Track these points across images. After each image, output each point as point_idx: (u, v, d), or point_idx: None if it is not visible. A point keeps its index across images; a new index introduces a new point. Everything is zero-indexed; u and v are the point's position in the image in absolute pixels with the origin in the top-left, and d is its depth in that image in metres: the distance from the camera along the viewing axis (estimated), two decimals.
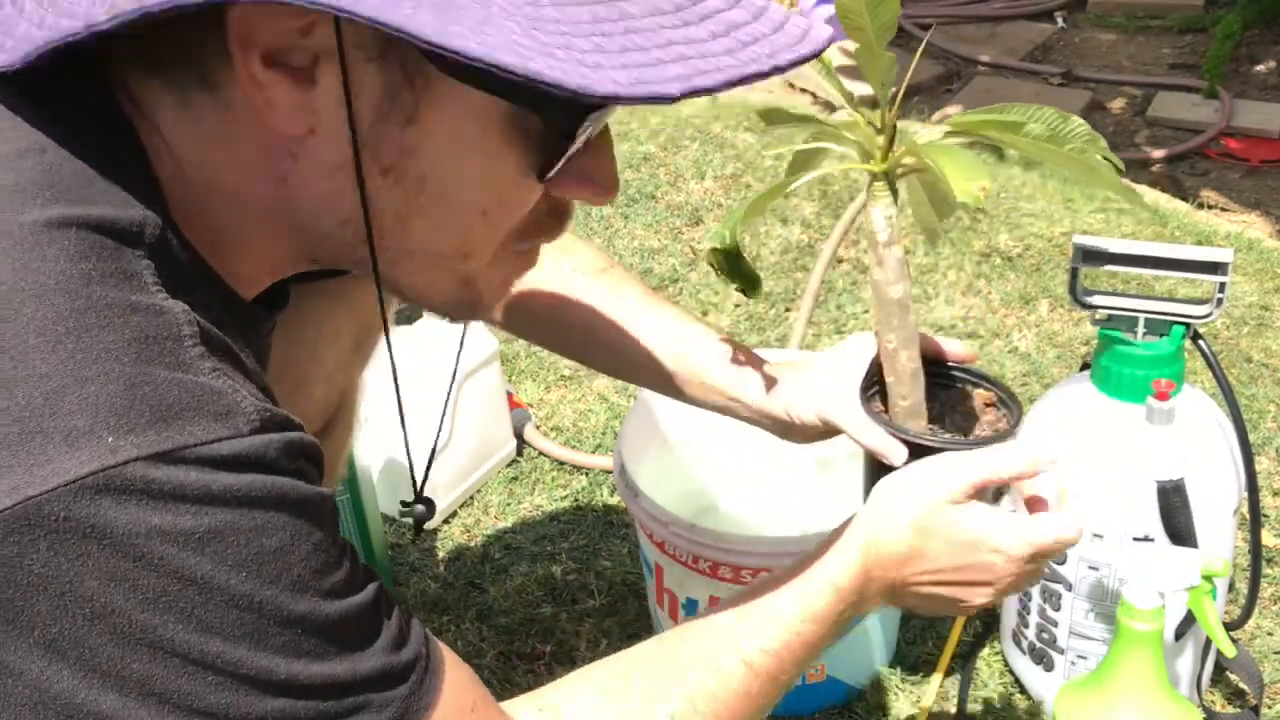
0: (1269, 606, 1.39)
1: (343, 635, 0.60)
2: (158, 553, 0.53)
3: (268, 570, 0.56)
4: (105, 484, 0.51)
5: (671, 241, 2.21)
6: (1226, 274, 1.11)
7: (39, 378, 0.52)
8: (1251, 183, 2.56)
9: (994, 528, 0.84)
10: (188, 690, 0.55)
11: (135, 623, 0.53)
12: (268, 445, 0.57)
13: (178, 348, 0.56)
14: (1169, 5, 3.42)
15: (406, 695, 0.62)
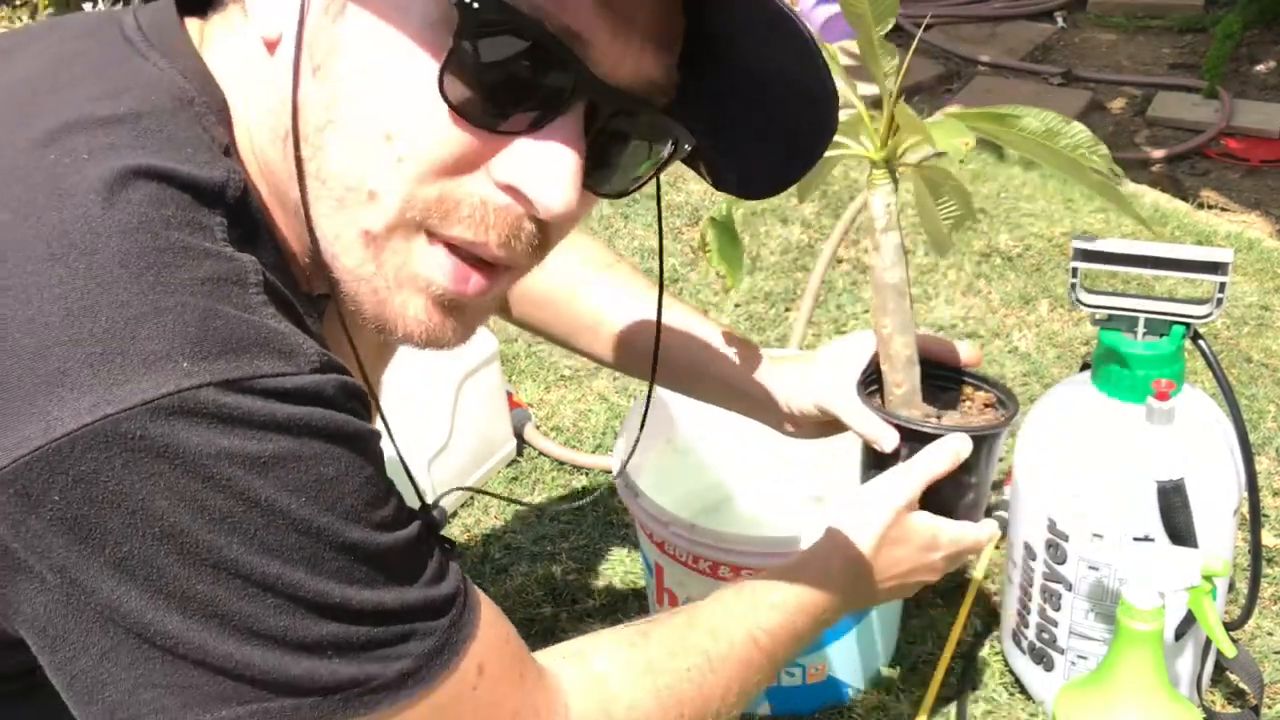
0: (1269, 606, 1.39)
1: (391, 566, 0.62)
2: (225, 474, 0.55)
3: (325, 498, 0.59)
4: (179, 406, 0.54)
5: (671, 241, 2.21)
6: (1226, 274, 1.11)
7: (120, 305, 0.55)
8: (1251, 183, 2.56)
9: (939, 531, 0.99)
10: (248, 612, 0.58)
11: (202, 543, 0.56)
12: (326, 383, 0.60)
13: (244, 293, 0.59)
14: (1169, 5, 3.42)
15: (448, 626, 0.65)
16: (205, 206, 0.60)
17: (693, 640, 0.83)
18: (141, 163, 0.58)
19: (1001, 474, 1.59)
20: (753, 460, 1.48)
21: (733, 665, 0.84)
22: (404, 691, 0.63)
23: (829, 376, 1.04)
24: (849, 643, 1.25)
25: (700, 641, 0.83)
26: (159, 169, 0.59)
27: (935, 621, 1.39)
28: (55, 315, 0.54)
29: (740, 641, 0.85)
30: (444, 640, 0.65)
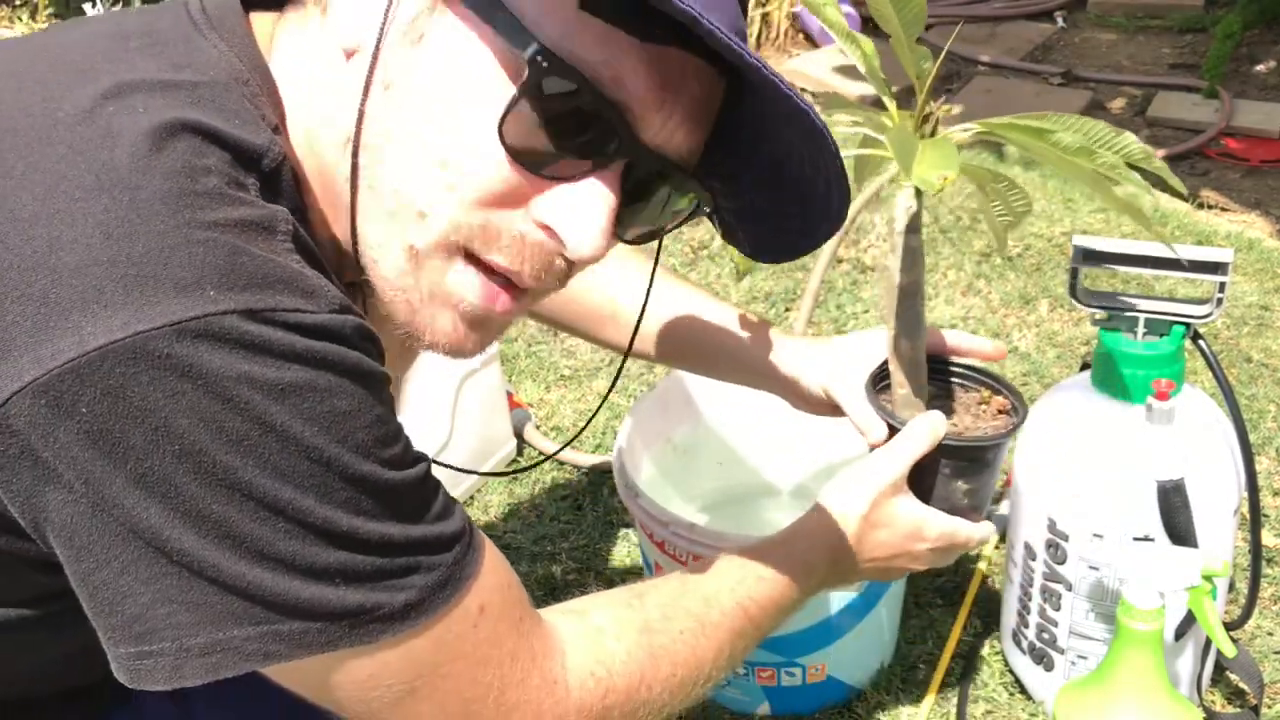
0: (1269, 606, 1.39)
1: (397, 501, 0.65)
2: (244, 397, 0.59)
3: (337, 429, 0.62)
4: (204, 329, 0.58)
5: (671, 241, 2.21)
6: (1226, 274, 1.11)
7: (158, 234, 0.59)
8: (1251, 183, 2.56)
9: (926, 522, 1.01)
10: (259, 535, 0.61)
11: (218, 463, 0.59)
12: (344, 323, 0.63)
13: (271, 238, 0.63)
14: (1169, 5, 3.42)
15: (452, 562, 0.68)
16: (243, 167, 0.64)
17: (685, 604, 0.86)
18: (190, 117, 0.63)
19: (1002, 474, 1.59)
20: (753, 460, 1.48)
21: (723, 631, 0.86)
22: (408, 622, 0.66)
23: (839, 363, 1.10)
24: (849, 643, 1.25)
25: (693, 606, 0.86)
26: (205, 125, 0.63)
27: (935, 621, 1.39)
28: (96, 238, 0.57)
29: (730, 610, 0.88)
30: (448, 575, 0.68)
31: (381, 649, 0.66)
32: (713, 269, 2.12)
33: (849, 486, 1.00)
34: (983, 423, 1.05)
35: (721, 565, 0.92)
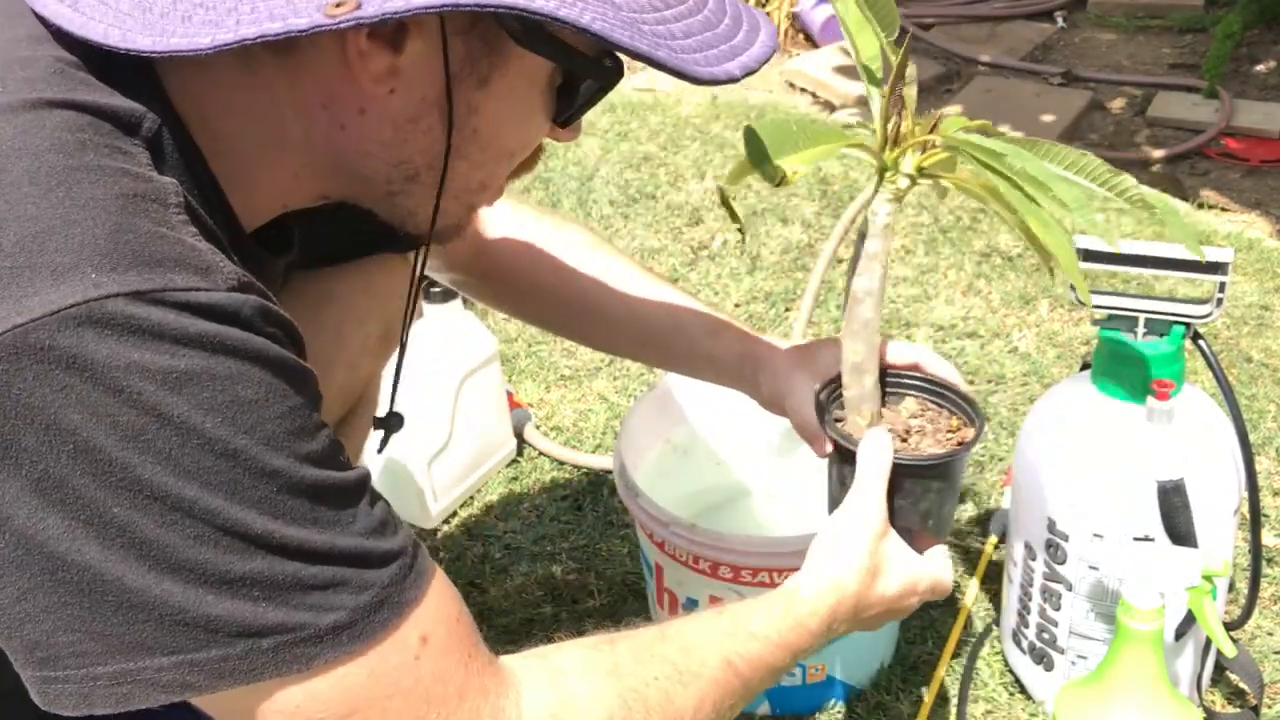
0: (1269, 606, 1.39)
1: (319, 503, 0.61)
2: (136, 388, 0.55)
3: (242, 420, 0.57)
4: (87, 315, 0.54)
5: (671, 241, 2.21)
6: (1227, 274, 1.11)
7: (29, 219, 0.55)
8: (1251, 183, 2.56)
9: (918, 572, 0.95)
10: (166, 541, 0.56)
11: (115, 461, 0.55)
12: (244, 303, 0.59)
13: (163, 210, 0.59)
14: (1169, 5, 3.42)
15: (387, 583, 0.63)
16: (126, 134, 0.61)
17: (661, 651, 0.79)
18: (58, 96, 0.60)
19: (1001, 474, 1.59)
20: (753, 460, 1.48)
21: (705, 684, 0.79)
22: (338, 647, 0.61)
23: (794, 369, 1.08)
24: (849, 643, 1.25)
25: (669, 654, 0.79)
26: (75, 100, 0.60)
27: (935, 621, 1.39)
28: None
29: (715, 663, 0.81)
30: (383, 597, 0.63)
31: (311, 677, 0.60)
32: (713, 269, 2.12)
33: (841, 546, 0.92)
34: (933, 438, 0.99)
35: (709, 616, 0.86)
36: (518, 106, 0.74)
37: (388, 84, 0.68)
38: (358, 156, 0.73)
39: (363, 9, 0.60)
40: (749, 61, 0.70)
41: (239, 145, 0.70)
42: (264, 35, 0.60)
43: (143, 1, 0.63)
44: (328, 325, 1.04)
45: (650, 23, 0.67)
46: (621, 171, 2.43)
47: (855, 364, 0.94)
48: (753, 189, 2.39)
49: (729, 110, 2.72)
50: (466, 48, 0.69)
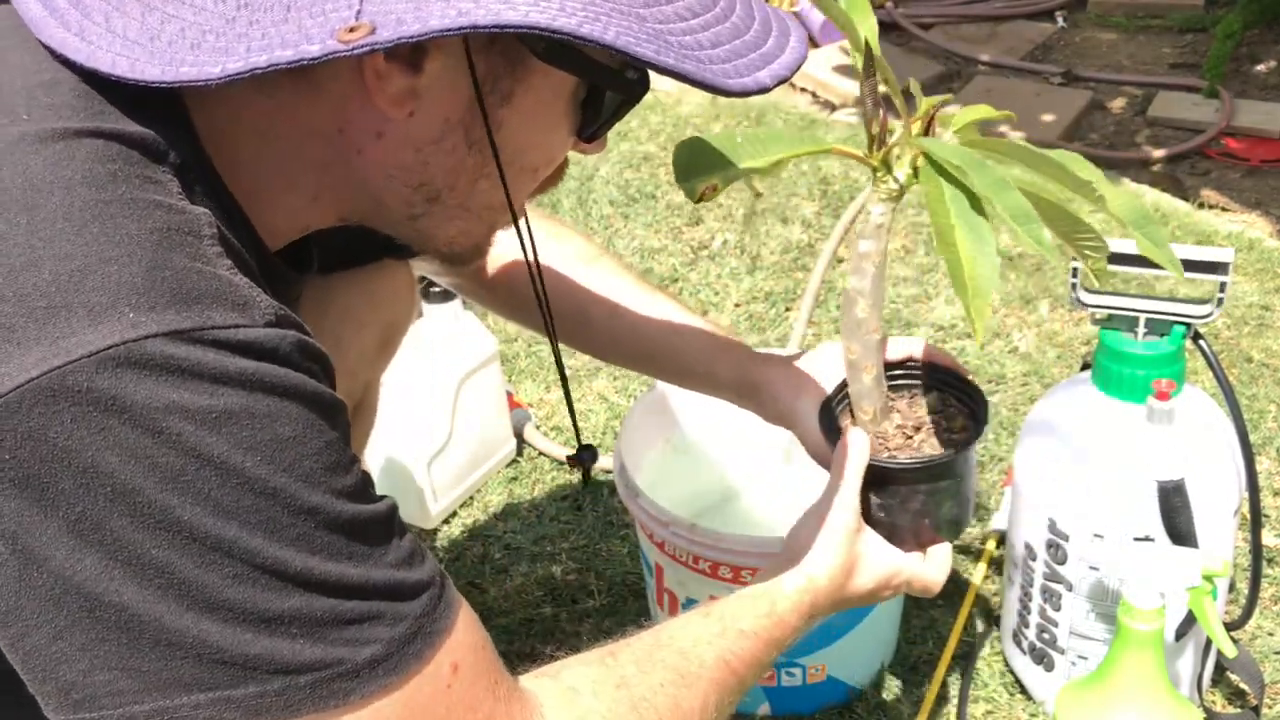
0: (1269, 606, 1.39)
1: (355, 538, 0.60)
2: (175, 429, 0.54)
3: (282, 457, 0.57)
4: (125, 357, 0.53)
5: (671, 241, 2.21)
6: (1227, 274, 1.11)
7: (64, 258, 0.55)
8: (1252, 183, 2.56)
9: (895, 567, 0.97)
10: (205, 582, 0.56)
11: (154, 503, 0.54)
12: (282, 339, 0.59)
13: (198, 243, 0.59)
14: (1169, 5, 3.42)
15: (419, 614, 0.63)
16: (155, 162, 0.60)
17: (661, 657, 0.81)
18: (85, 125, 0.59)
19: (1001, 474, 1.59)
20: (753, 460, 1.48)
21: (705, 684, 0.81)
22: (375, 680, 0.60)
23: (793, 402, 1.07)
24: (849, 643, 1.25)
25: (669, 659, 0.81)
26: (103, 129, 0.59)
27: (935, 621, 1.39)
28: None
29: (711, 664, 0.83)
30: (416, 628, 0.63)
31: (347, 712, 0.60)
32: (713, 269, 2.12)
33: (819, 545, 0.94)
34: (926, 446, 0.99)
35: (698, 619, 0.87)
36: (541, 122, 0.73)
37: (407, 106, 0.67)
38: (378, 180, 0.71)
39: (377, 34, 0.58)
40: (780, 70, 0.68)
41: (258, 168, 0.69)
42: (275, 64, 0.59)
43: (150, 28, 0.62)
44: (326, 331, 1.02)
45: (677, 33, 0.65)
46: (621, 171, 2.43)
47: (851, 361, 0.95)
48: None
49: (729, 110, 2.72)
50: (488, 65, 0.67)
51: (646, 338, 1.13)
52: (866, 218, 0.90)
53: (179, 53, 0.60)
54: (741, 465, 1.48)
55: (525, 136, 0.73)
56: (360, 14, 0.58)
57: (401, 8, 0.59)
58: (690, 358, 1.12)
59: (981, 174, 0.80)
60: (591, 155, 0.82)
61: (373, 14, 0.58)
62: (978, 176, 0.80)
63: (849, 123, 2.71)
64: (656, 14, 0.65)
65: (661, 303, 1.15)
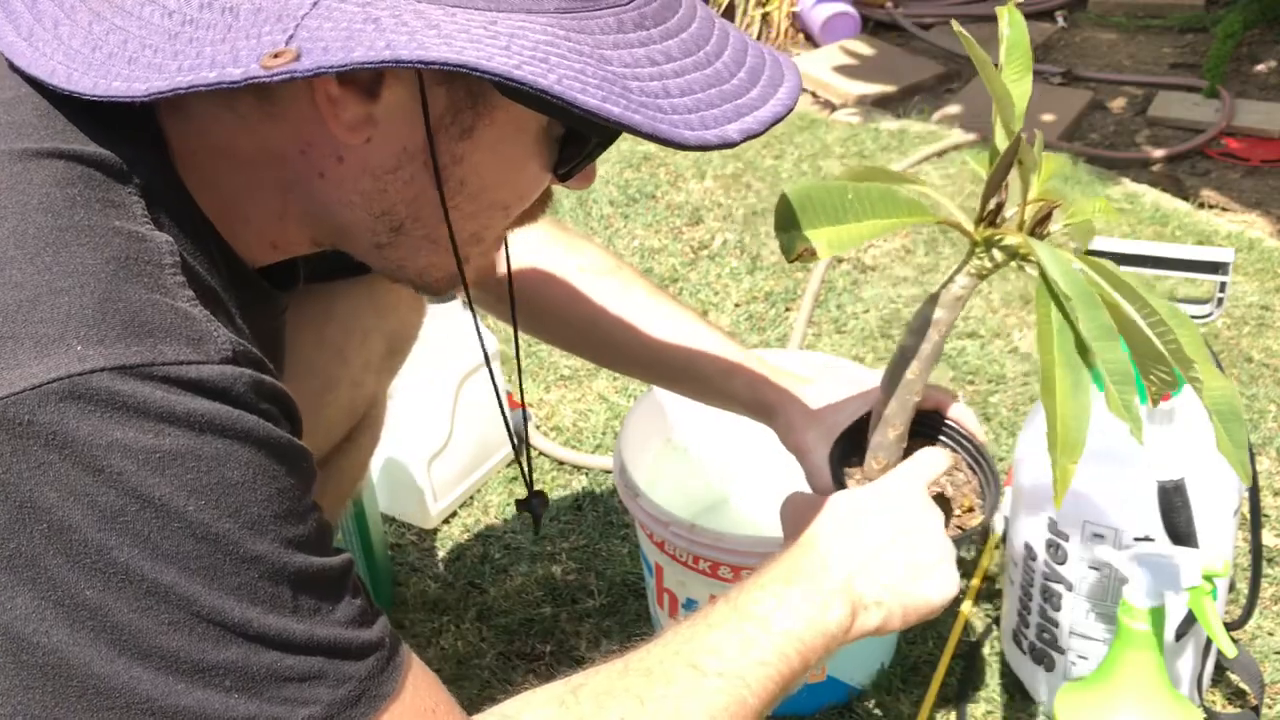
0: (1269, 606, 1.39)
1: (301, 591, 0.58)
2: (117, 467, 0.53)
3: (227, 502, 0.55)
4: (70, 391, 0.52)
5: (672, 241, 2.21)
6: (1227, 274, 1.11)
7: (14, 286, 0.53)
8: (1252, 182, 2.56)
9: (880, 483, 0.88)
10: (139, 627, 0.54)
11: (90, 542, 0.53)
12: (237, 378, 0.57)
13: (158, 272, 0.57)
14: (1170, 5, 3.42)
15: (365, 676, 0.61)
16: (119, 183, 0.59)
17: (625, 684, 0.74)
18: (45, 145, 0.58)
19: (1001, 474, 1.59)
20: (753, 460, 1.48)
21: (674, 702, 0.74)
22: None
23: (804, 434, 1.03)
24: None
25: (634, 685, 0.74)
26: (64, 149, 0.58)
27: (935, 621, 1.39)
28: None
29: (683, 676, 0.75)
30: (360, 691, 0.60)
31: None
32: (713, 269, 2.12)
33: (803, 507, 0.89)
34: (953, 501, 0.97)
35: (669, 633, 0.79)
36: (507, 158, 0.70)
37: (363, 132, 0.64)
38: (340, 206, 0.69)
39: (300, 61, 0.56)
40: (753, 124, 0.64)
41: (227, 185, 0.67)
42: (196, 85, 0.57)
43: (94, 38, 0.60)
44: (331, 341, 1.02)
45: (643, 78, 0.62)
46: (621, 171, 2.43)
47: (885, 415, 0.91)
48: (751, 189, 2.39)
49: None
50: (449, 97, 0.65)
51: (662, 353, 1.10)
52: (949, 286, 0.85)
53: (115, 65, 0.59)
54: (742, 465, 1.48)
55: (490, 172, 0.70)
56: (292, 39, 0.57)
57: (332, 36, 0.57)
58: (706, 376, 1.10)
59: (1091, 315, 0.74)
60: (579, 190, 0.80)
61: (303, 40, 0.57)
62: (1087, 317, 0.74)
63: (849, 123, 2.71)
64: (625, 56, 0.62)
65: (678, 317, 1.12)
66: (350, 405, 1.09)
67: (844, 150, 2.52)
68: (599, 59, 0.61)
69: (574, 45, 0.60)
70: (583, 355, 1.20)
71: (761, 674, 0.77)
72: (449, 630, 1.42)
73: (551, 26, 0.60)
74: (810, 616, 0.80)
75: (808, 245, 0.78)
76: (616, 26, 0.63)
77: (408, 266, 0.75)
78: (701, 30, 0.68)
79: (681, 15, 0.67)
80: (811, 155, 2.52)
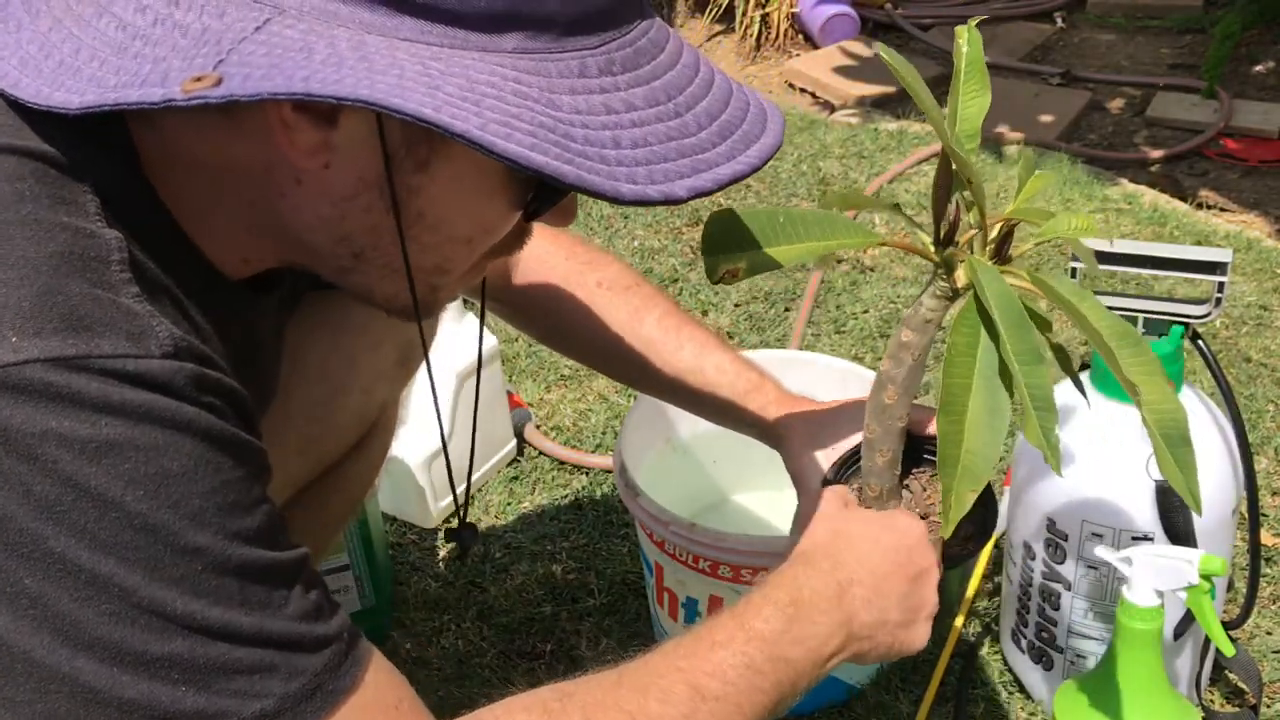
0: (1268, 605, 1.39)
1: (248, 584, 0.58)
2: (51, 456, 0.53)
3: (166, 493, 0.55)
4: (2, 381, 0.52)
5: (671, 241, 2.21)
6: (1225, 274, 1.11)
7: None
8: (1250, 183, 2.56)
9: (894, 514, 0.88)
10: (80, 617, 0.54)
11: (27, 532, 0.53)
12: (177, 371, 0.57)
13: (103, 268, 0.57)
14: (1168, 5, 3.42)
15: (319, 670, 0.60)
16: (74, 181, 0.59)
17: (618, 698, 0.72)
18: (1, 140, 0.57)
19: (1001, 474, 1.59)
20: (752, 460, 1.48)
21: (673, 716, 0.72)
22: None
23: (800, 458, 1.02)
24: None
25: (626, 700, 0.72)
26: (18, 146, 0.58)
27: (935, 621, 1.39)
28: None
29: (679, 695, 0.73)
30: (315, 685, 0.60)
31: None
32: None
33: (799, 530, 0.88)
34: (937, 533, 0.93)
35: (670, 645, 0.78)
36: (467, 192, 0.68)
37: (320, 158, 0.63)
38: (302, 228, 0.68)
39: (219, 88, 0.55)
40: (706, 182, 0.62)
41: (193, 195, 0.66)
42: (120, 103, 0.56)
43: (49, 45, 0.60)
44: (341, 349, 1.02)
45: (594, 126, 0.60)
46: None
47: (870, 441, 0.90)
48: (751, 189, 2.39)
49: None
50: (404, 130, 0.63)
51: (675, 374, 1.09)
52: (916, 308, 0.84)
53: (60, 75, 0.58)
54: (741, 465, 1.48)
55: (449, 205, 0.68)
56: (221, 64, 0.56)
57: (256, 63, 0.56)
58: (718, 399, 1.09)
59: (1019, 337, 0.72)
60: (559, 227, 0.78)
61: (231, 65, 0.56)
62: (1015, 339, 0.72)
63: (849, 123, 2.72)
64: (579, 103, 0.61)
65: (694, 338, 1.10)
66: (361, 412, 1.09)
67: (843, 150, 2.53)
68: (547, 103, 0.59)
69: (520, 88, 0.59)
70: (596, 369, 1.20)
71: (757, 700, 0.77)
72: (449, 629, 1.42)
73: (503, 66, 0.59)
74: (813, 647, 0.80)
75: (730, 267, 0.78)
76: (579, 70, 0.61)
77: (375, 291, 0.73)
78: (678, 78, 0.65)
79: (659, 62, 0.65)
80: (811, 156, 2.52)
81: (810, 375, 1.41)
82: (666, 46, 0.66)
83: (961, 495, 0.73)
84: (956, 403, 0.73)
